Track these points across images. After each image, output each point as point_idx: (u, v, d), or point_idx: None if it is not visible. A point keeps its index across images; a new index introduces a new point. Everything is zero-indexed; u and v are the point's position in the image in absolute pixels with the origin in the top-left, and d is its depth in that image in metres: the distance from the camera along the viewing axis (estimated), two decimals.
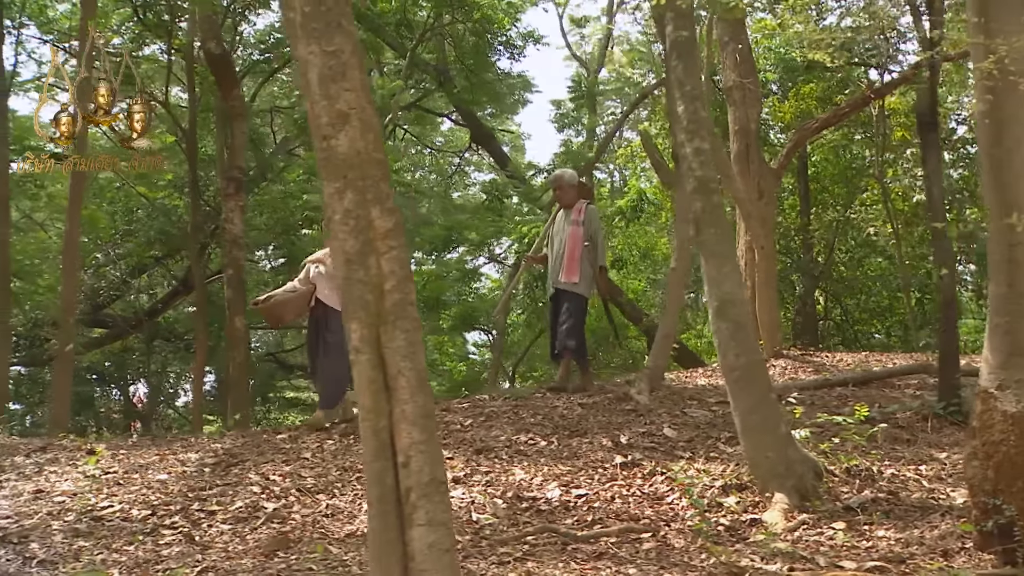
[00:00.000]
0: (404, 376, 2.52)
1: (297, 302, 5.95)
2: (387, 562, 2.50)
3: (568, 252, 6.27)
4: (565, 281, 6.27)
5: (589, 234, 6.33)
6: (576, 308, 6.31)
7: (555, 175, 7.05)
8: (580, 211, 6.42)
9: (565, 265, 6.27)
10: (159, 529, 3.94)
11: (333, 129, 2.53)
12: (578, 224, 6.34)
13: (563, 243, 6.33)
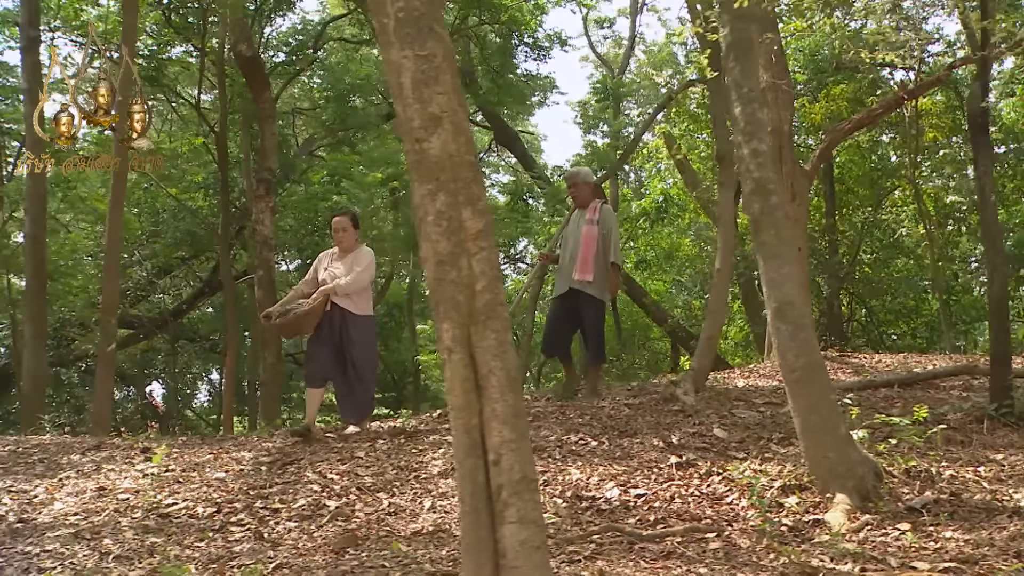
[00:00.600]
0: (495, 375, 2.56)
1: (318, 311, 5.67)
2: (479, 559, 2.53)
3: (583, 251, 6.23)
4: (579, 279, 6.21)
5: (604, 232, 6.29)
6: (600, 318, 6.33)
7: (571, 172, 7.01)
8: (595, 210, 6.38)
9: (579, 264, 6.22)
10: (227, 526, 4.00)
11: (426, 132, 2.57)
12: (593, 223, 6.31)
13: (578, 242, 6.29)
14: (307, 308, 5.64)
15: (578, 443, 5.13)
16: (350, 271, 5.69)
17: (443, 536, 3.78)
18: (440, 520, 3.99)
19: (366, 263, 5.72)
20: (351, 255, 5.81)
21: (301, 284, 5.95)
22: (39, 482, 4.80)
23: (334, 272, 5.75)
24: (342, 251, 5.86)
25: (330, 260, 5.90)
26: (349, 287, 5.66)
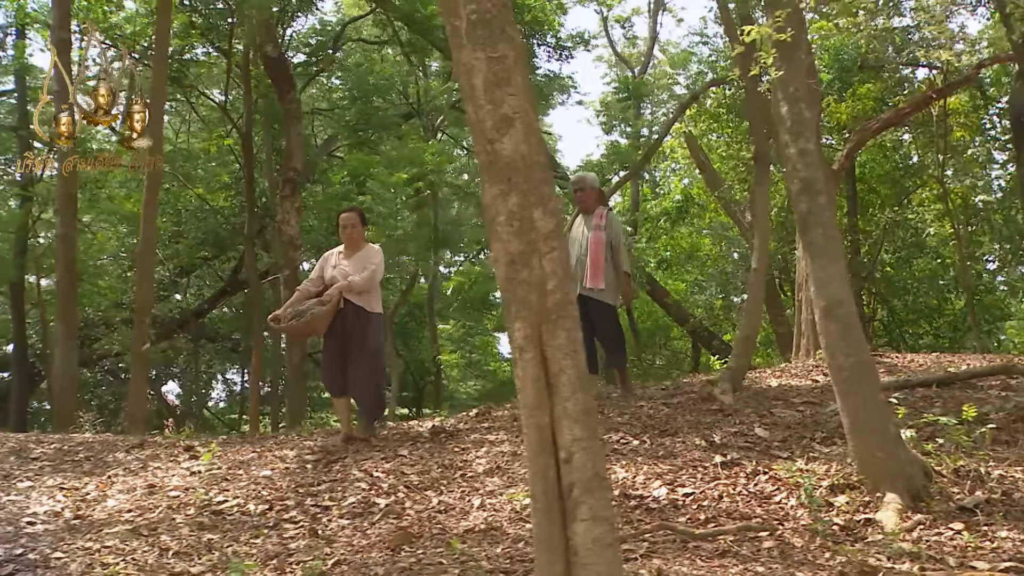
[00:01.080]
0: (566, 374, 2.58)
1: (332, 311, 5.39)
2: (551, 556, 2.55)
3: (592, 257, 6.13)
4: (591, 287, 6.11)
5: (611, 239, 6.19)
6: (612, 322, 6.27)
7: (578, 177, 6.89)
8: (601, 216, 6.27)
9: (589, 271, 6.12)
10: (281, 523, 4.04)
11: (497, 133, 2.60)
12: (600, 229, 6.20)
13: (585, 248, 6.18)
14: (324, 309, 5.33)
15: (620, 442, 5.15)
16: (361, 269, 5.47)
17: (496, 534, 3.80)
18: (491, 518, 4.02)
19: (378, 260, 5.55)
20: (360, 252, 5.61)
21: (307, 283, 5.69)
22: (88, 479, 4.87)
23: (344, 270, 5.51)
24: (349, 248, 5.64)
25: (337, 258, 5.66)
26: (364, 284, 5.44)
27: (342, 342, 5.43)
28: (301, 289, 5.65)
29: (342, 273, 5.49)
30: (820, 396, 6.03)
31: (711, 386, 6.17)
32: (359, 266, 5.51)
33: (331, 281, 5.49)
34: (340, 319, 5.41)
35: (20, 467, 5.10)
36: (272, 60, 12.91)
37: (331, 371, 5.55)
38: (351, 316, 5.42)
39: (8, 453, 5.43)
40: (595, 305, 6.12)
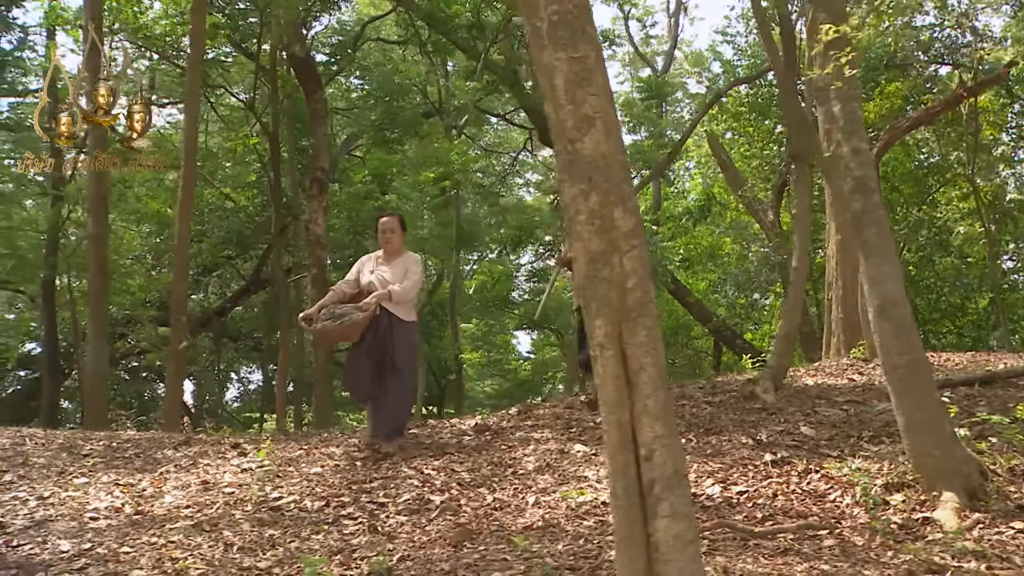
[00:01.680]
0: (646, 371, 2.60)
1: (369, 320, 5.15)
2: (632, 552, 2.57)
3: None
4: None
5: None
6: None
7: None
8: None
9: None
10: (340, 520, 4.08)
11: (579, 132, 2.62)
12: None
13: None
14: (362, 317, 5.08)
15: None
16: (402, 276, 5.26)
17: (555, 531, 3.82)
18: (548, 515, 4.04)
19: (419, 270, 5.37)
20: (400, 259, 5.40)
21: (341, 285, 5.43)
22: (141, 476, 4.92)
23: (384, 276, 5.29)
24: (388, 253, 5.42)
25: (376, 263, 5.43)
26: (405, 295, 5.25)
27: (373, 349, 5.18)
28: (335, 289, 5.41)
29: (380, 280, 5.28)
30: (862, 395, 6.03)
31: (752, 385, 6.16)
32: (398, 273, 5.30)
33: (368, 287, 5.28)
34: (373, 326, 5.17)
35: (73, 464, 5.16)
36: (299, 60, 12.97)
37: (356, 377, 5.31)
38: (384, 324, 5.18)
39: (59, 450, 5.49)
40: None
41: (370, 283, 5.30)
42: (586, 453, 4.98)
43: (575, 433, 5.44)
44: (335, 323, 5.09)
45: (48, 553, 3.60)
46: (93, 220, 10.77)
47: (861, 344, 8.36)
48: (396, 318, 5.21)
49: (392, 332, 5.18)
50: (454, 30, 15.49)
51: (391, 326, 5.18)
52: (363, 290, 5.30)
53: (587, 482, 4.49)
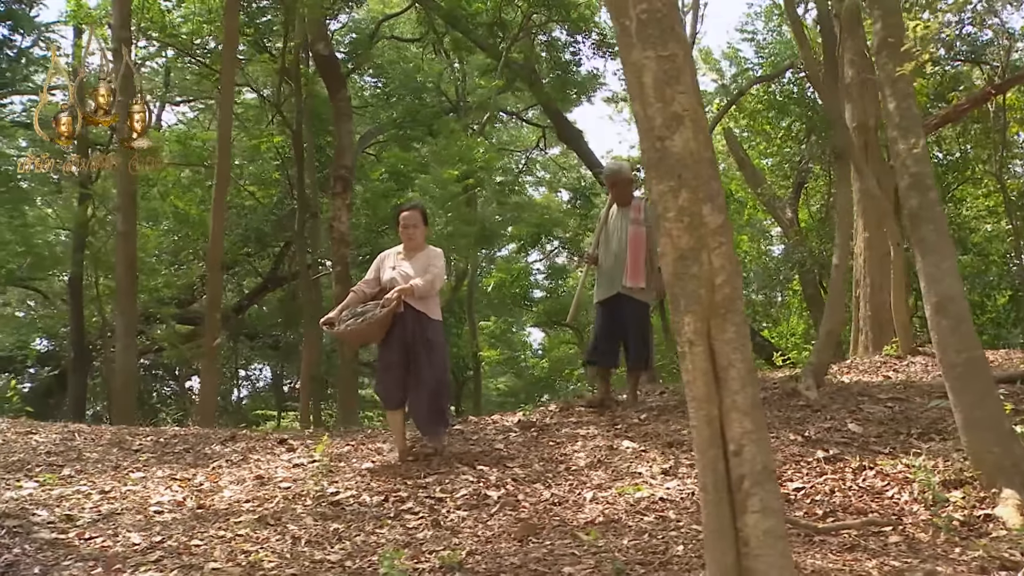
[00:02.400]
0: (735, 367, 2.62)
1: (391, 316, 4.92)
2: (721, 547, 2.60)
3: (632, 254, 5.80)
4: (631, 285, 5.80)
5: (652, 234, 5.77)
6: (645, 320, 6.03)
7: (612, 169, 6.38)
8: (640, 209, 5.89)
9: (629, 268, 5.79)
10: (401, 514, 4.11)
11: (668, 130, 2.64)
12: (639, 223, 5.85)
13: (623, 243, 5.85)
14: (384, 312, 4.83)
15: None
16: (424, 271, 5.01)
17: (617, 526, 3.85)
18: (608, 511, 4.06)
19: (442, 264, 5.14)
20: (422, 254, 5.14)
21: (362, 285, 5.19)
22: (195, 471, 4.96)
23: (405, 272, 5.03)
24: (410, 249, 5.17)
25: (396, 259, 5.18)
26: (428, 288, 4.98)
27: (402, 351, 4.95)
28: (356, 290, 5.17)
29: (402, 275, 5.02)
30: (905, 392, 6.03)
31: (794, 382, 6.17)
32: (421, 268, 5.04)
33: (389, 283, 5.02)
34: (399, 326, 4.93)
35: (125, 459, 5.21)
36: (323, 58, 13.00)
37: (388, 382, 5.05)
38: (411, 323, 4.94)
39: (109, 445, 5.54)
40: (631, 304, 5.86)
41: (392, 280, 5.03)
42: (635, 449, 5.00)
43: (621, 430, 5.46)
44: (357, 322, 4.90)
45: (120, 546, 3.64)
46: (122, 218, 10.83)
47: (894, 341, 8.36)
48: (423, 315, 4.97)
49: (420, 329, 4.96)
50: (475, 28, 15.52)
51: (418, 323, 4.96)
52: (384, 288, 5.05)
53: (641, 478, 4.51)
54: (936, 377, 7.09)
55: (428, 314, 5.02)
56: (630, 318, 5.87)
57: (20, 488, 4.39)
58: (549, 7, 14.72)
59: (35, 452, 5.26)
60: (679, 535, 3.70)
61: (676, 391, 6.43)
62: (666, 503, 4.11)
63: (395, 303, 4.87)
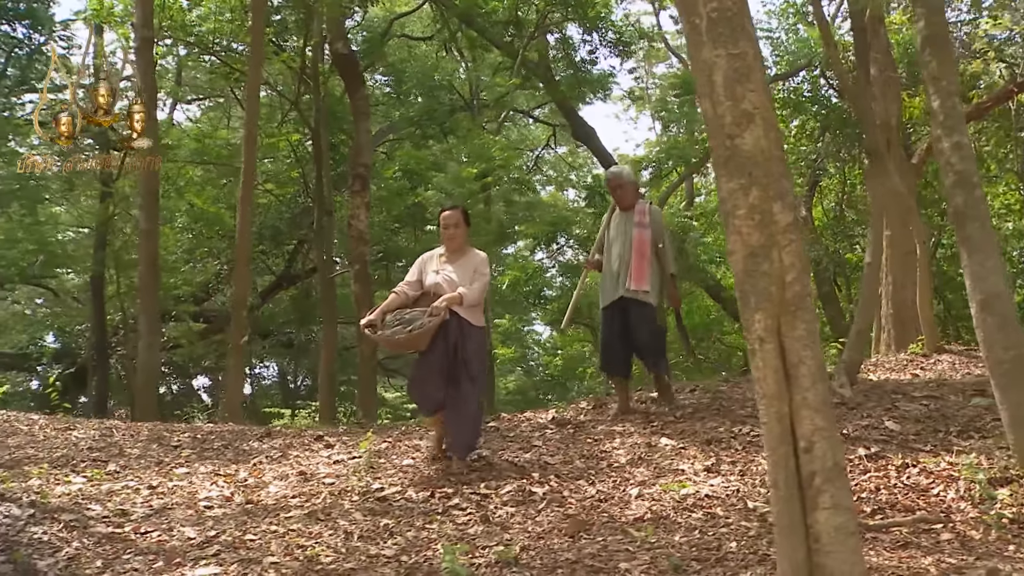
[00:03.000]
0: (805, 365, 2.62)
1: (438, 325, 4.69)
2: (792, 543, 2.60)
3: (636, 257, 5.63)
4: (635, 288, 5.62)
5: (656, 238, 5.70)
6: (653, 325, 5.79)
7: (614, 172, 6.16)
8: (643, 212, 5.74)
9: (634, 272, 5.61)
10: (449, 510, 4.13)
11: (738, 128, 2.64)
12: (643, 227, 5.68)
13: (627, 247, 5.68)
14: (434, 322, 4.65)
15: (751, 434, 5.18)
16: (470, 277, 4.84)
17: (667, 523, 3.85)
18: (655, 507, 4.07)
19: (488, 270, 4.95)
20: (466, 258, 4.95)
21: (403, 287, 4.94)
22: (236, 467, 4.98)
23: (450, 277, 4.84)
24: (452, 251, 4.98)
25: (439, 262, 4.97)
26: (477, 298, 4.83)
27: (443, 357, 4.74)
28: (397, 292, 4.93)
29: (447, 281, 4.84)
30: (938, 390, 6.03)
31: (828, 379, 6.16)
32: (466, 273, 4.87)
33: (434, 289, 4.83)
34: (442, 332, 4.73)
35: (166, 454, 5.24)
36: (342, 57, 13.01)
37: (425, 386, 4.83)
38: (454, 330, 4.75)
39: (148, 441, 5.57)
40: (636, 307, 5.67)
41: (436, 285, 4.84)
42: (674, 447, 5.00)
43: (657, 427, 5.47)
44: (405, 330, 4.66)
45: (176, 540, 3.66)
46: (145, 216, 10.88)
47: (919, 339, 8.35)
48: (467, 322, 4.80)
49: (463, 338, 4.77)
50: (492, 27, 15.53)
51: (461, 331, 4.76)
52: (428, 293, 4.86)
53: (684, 475, 4.51)
54: (967, 375, 7.11)
55: (472, 321, 4.83)
56: (637, 322, 5.67)
57: (69, 483, 4.43)
58: (566, 5, 14.72)
59: (77, 448, 5.29)
60: (729, 532, 3.71)
61: (708, 388, 6.44)
62: (712, 500, 4.12)
63: (444, 313, 4.67)
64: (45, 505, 3.94)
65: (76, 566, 3.33)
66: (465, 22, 15.39)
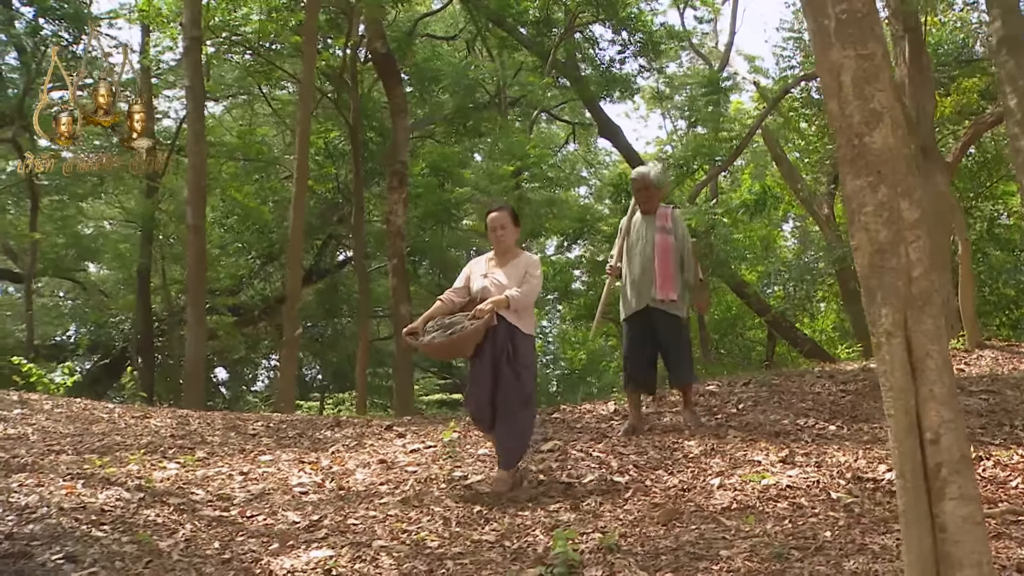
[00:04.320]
0: (932, 358, 2.63)
1: (484, 329, 4.34)
2: (918, 532, 2.60)
3: (661, 265, 5.20)
4: (662, 297, 5.19)
5: (680, 244, 5.30)
6: (681, 337, 5.39)
7: (641, 173, 5.50)
8: (666, 217, 5.33)
9: (659, 280, 5.18)
10: (538, 497, 4.15)
11: (867, 127, 2.65)
12: (667, 232, 5.26)
13: (650, 255, 5.23)
14: (476, 326, 4.28)
15: (816, 427, 5.19)
16: (519, 280, 4.46)
17: (755, 512, 3.86)
18: (739, 498, 4.07)
19: (539, 272, 4.56)
20: (516, 260, 4.56)
21: (450, 293, 4.61)
22: (316, 455, 5.02)
23: (498, 281, 4.47)
24: (500, 253, 4.60)
25: (488, 265, 4.62)
26: (526, 301, 4.46)
27: (492, 366, 4.38)
28: (443, 299, 4.58)
29: (495, 284, 4.46)
30: (992, 384, 6.02)
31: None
32: (515, 276, 4.48)
33: (482, 293, 4.47)
34: (490, 339, 4.36)
35: (246, 442, 5.28)
36: (381, 56, 13.05)
37: (479, 399, 4.43)
38: (502, 337, 4.37)
39: (226, 429, 5.62)
40: (663, 318, 5.24)
41: (484, 289, 4.47)
42: (744, 438, 5.01)
43: (722, 419, 5.48)
44: (444, 335, 4.31)
45: (281, 524, 3.70)
46: (192, 212, 10.94)
47: (961, 335, 8.33)
48: (517, 330, 4.40)
49: (513, 346, 4.39)
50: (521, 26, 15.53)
51: (511, 339, 4.38)
52: (475, 298, 4.50)
53: (760, 466, 4.52)
54: (1014, 370, 7.09)
55: (521, 328, 4.42)
56: (665, 334, 5.26)
57: (165, 468, 4.47)
58: (596, 5, 14.70)
59: (160, 435, 5.34)
60: (819, 522, 3.71)
61: (762, 382, 6.43)
62: (795, 491, 4.12)
63: (488, 316, 4.31)
64: (151, 489, 3.98)
65: (195, 547, 3.38)
66: (495, 21, 15.40)
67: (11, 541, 3.22)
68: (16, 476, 4.07)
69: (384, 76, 13.29)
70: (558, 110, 21.06)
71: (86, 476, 4.15)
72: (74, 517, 3.51)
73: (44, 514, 3.51)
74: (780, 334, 17.34)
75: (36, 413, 5.67)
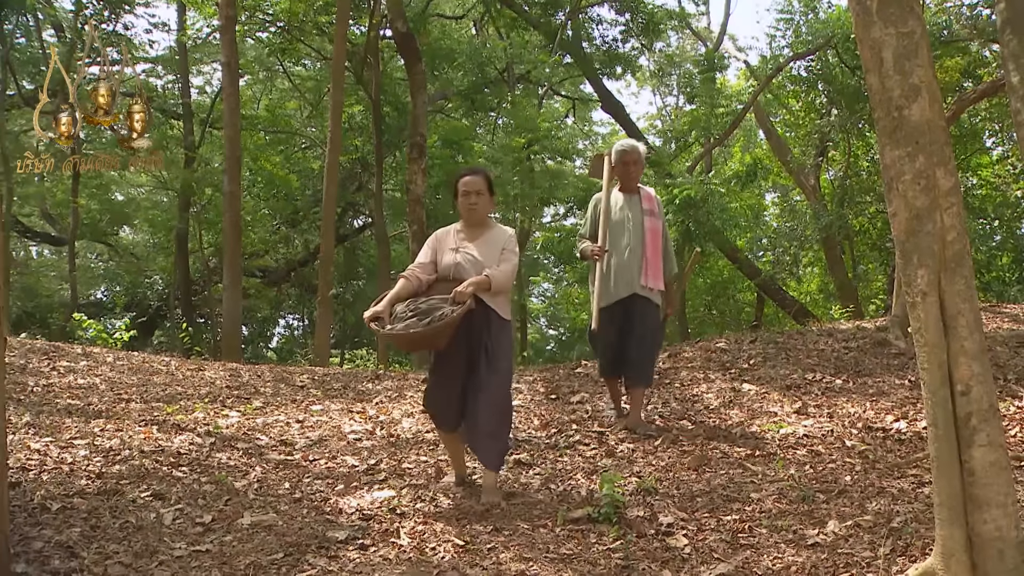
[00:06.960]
0: (963, 316, 2.63)
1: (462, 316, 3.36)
2: (949, 476, 2.63)
3: (651, 251, 4.47)
4: (652, 287, 4.48)
5: (665, 229, 4.67)
6: (662, 328, 4.73)
7: (630, 146, 4.65)
8: (652, 199, 4.62)
9: (649, 267, 4.45)
10: (574, 445, 4.17)
11: (906, 100, 2.62)
12: (655, 216, 4.57)
13: (639, 238, 4.48)
14: (459, 311, 3.33)
15: (824, 381, 5.21)
16: (495, 257, 3.55)
17: (776, 458, 3.89)
18: (759, 446, 4.10)
19: (516, 248, 3.66)
20: (490, 234, 3.63)
21: (415, 269, 3.60)
22: (362, 405, 5.04)
23: (472, 256, 3.54)
24: (472, 224, 3.64)
25: (456, 239, 3.64)
26: (506, 281, 3.53)
27: (464, 359, 3.49)
28: (407, 276, 3.58)
29: (469, 261, 3.53)
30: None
31: (883, 332, 6.18)
32: (491, 252, 3.57)
33: (454, 271, 3.53)
34: (465, 327, 3.42)
35: (295, 393, 5.30)
36: (402, 35, 12.86)
37: (442, 398, 3.54)
38: (478, 323, 3.46)
39: (276, 381, 5.64)
40: (647, 307, 4.49)
41: (456, 266, 3.53)
42: (758, 391, 5.03)
43: (735, 374, 5.49)
44: (422, 323, 3.32)
45: (343, 468, 3.72)
46: (228, 179, 10.88)
47: None
48: (495, 315, 3.52)
49: (490, 335, 3.50)
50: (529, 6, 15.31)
51: (489, 326, 3.49)
52: (446, 277, 3.55)
53: (777, 417, 4.55)
54: (997, 329, 7.10)
55: (499, 312, 3.54)
56: (644, 323, 4.47)
57: (227, 417, 4.49)
58: None
59: (216, 386, 5.36)
60: (838, 467, 3.75)
61: (768, 339, 6.44)
62: (812, 439, 4.15)
63: (470, 301, 3.38)
64: (220, 434, 4.00)
65: (267, 487, 3.40)
66: (503, 2, 15.18)
67: (102, 480, 3.24)
68: (95, 422, 4.09)
69: (405, 54, 13.11)
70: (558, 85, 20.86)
71: (158, 422, 4.17)
72: (155, 459, 3.53)
73: (127, 456, 3.54)
74: (769, 296, 17.39)
75: (100, 365, 5.68)
